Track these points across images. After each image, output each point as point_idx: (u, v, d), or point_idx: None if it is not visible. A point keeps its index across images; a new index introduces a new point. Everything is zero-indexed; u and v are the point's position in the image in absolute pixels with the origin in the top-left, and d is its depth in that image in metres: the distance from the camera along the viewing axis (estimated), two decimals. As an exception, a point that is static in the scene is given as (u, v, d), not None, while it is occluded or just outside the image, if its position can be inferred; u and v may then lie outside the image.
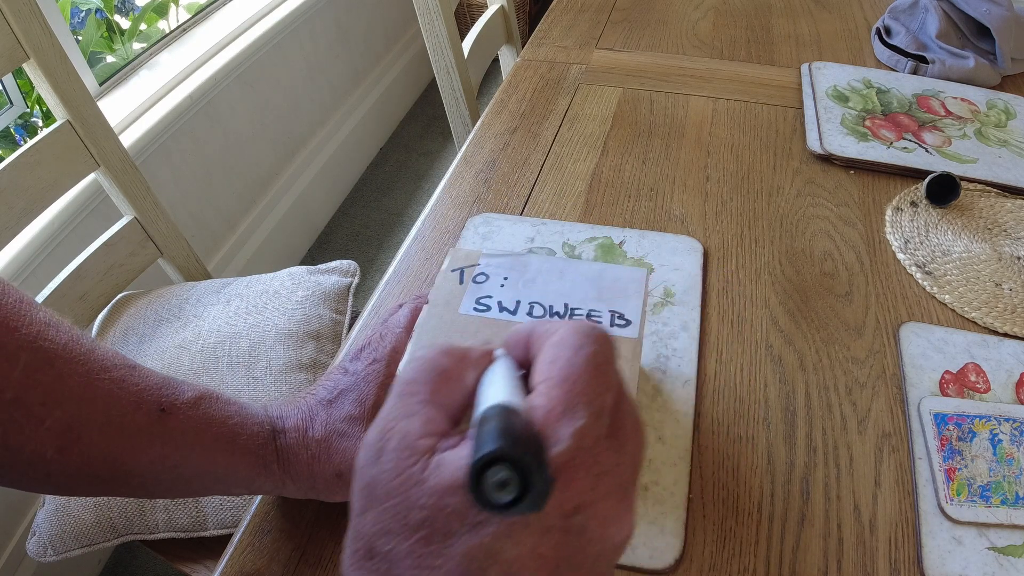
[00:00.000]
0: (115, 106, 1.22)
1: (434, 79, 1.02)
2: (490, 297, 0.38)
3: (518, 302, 0.38)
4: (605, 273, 0.39)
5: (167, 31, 1.43)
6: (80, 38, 1.26)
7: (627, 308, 0.37)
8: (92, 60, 1.30)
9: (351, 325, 0.72)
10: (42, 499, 0.71)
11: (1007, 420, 0.43)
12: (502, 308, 0.37)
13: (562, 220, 0.59)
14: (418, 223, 0.61)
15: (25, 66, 0.69)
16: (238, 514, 0.66)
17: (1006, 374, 0.46)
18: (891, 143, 0.66)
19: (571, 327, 0.25)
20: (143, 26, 1.44)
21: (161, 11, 1.46)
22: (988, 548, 0.38)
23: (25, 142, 0.88)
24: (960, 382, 0.46)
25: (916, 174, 0.63)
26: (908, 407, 0.44)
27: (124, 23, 1.41)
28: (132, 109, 1.22)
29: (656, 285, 0.52)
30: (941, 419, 0.43)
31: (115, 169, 0.79)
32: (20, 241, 1.00)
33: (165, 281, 0.91)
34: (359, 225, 1.81)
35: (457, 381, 0.26)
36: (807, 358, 0.48)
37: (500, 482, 0.19)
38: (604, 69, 0.80)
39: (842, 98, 0.72)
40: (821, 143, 0.66)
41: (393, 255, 0.66)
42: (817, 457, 0.42)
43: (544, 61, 0.83)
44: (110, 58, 1.35)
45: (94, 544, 0.66)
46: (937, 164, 0.63)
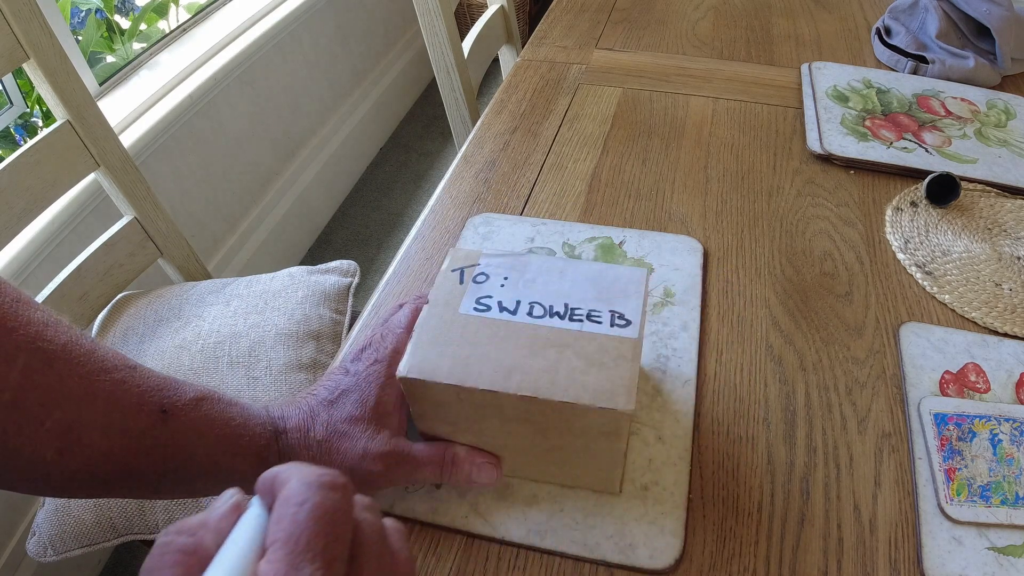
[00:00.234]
0: (115, 106, 1.22)
1: (434, 79, 1.02)
2: (490, 297, 0.38)
3: (518, 302, 0.38)
4: (605, 273, 0.39)
5: (167, 31, 1.43)
6: (80, 38, 1.26)
7: (627, 308, 0.37)
8: (92, 60, 1.30)
9: (351, 325, 0.72)
10: (42, 499, 0.71)
11: (1007, 420, 0.43)
12: (502, 308, 0.37)
13: (562, 220, 0.59)
14: (418, 223, 0.61)
15: (25, 66, 0.69)
16: (238, 514, 0.66)
17: (1006, 374, 0.46)
18: (891, 143, 0.66)
19: (299, 479, 0.23)
20: (143, 26, 1.44)
21: (161, 11, 1.46)
22: (988, 548, 0.38)
23: (25, 142, 0.88)
24: (960, 382, 0.46)
25: (916, 174, 0.63)
26: (908, 407, 0.44)
27: (124, 23, 1.41)
28: (132, 109, 1.22)
29: (656, 285, 0.52)
30: (941, 419, 0.43)
31: (115, 169, 0.79)
32: (20, 241, 1.00)
33: (165, 281, 0.91)
34: (359, 225, 1.81)
35: (196, 556, 0.23)
36: (807, 358, 0.48)
37: None
38: (604, 69, 0.80)
39: (842, 98, 0.72)
40: (821, 143, 0.66)
41: (393, 255, 0.66)
42: (817, 457, 0.42)
43: (544, 61, 0.83)
44: (110, 58, 1.35)
45: (94, 544, 0.66)
46: (937, 164, 0.63)
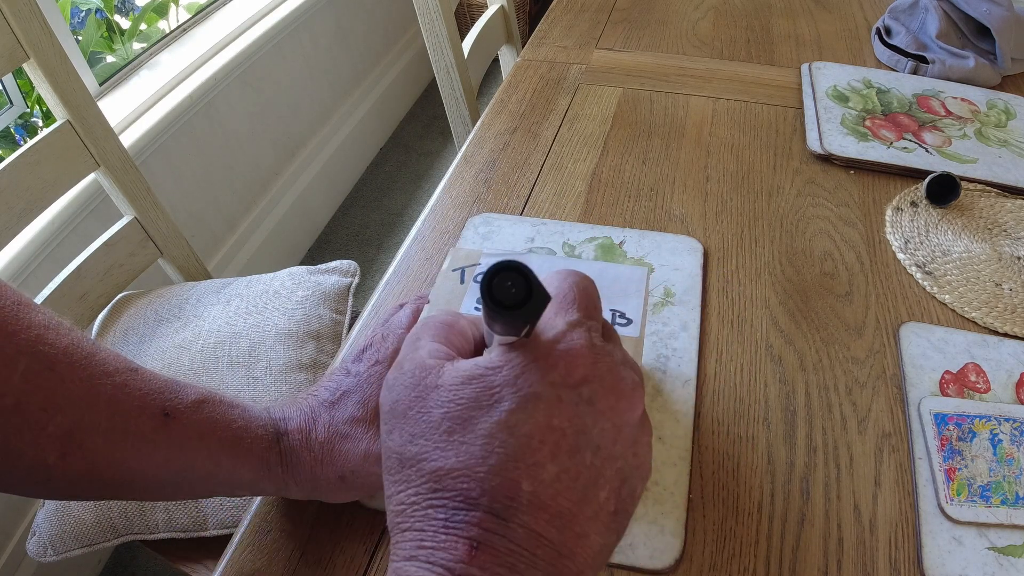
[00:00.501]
0: (115, 106, 1.22)
1: (434, 79, 1.02)
2: (490, 297, 0.38)
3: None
4: (606, 272, 0.39)
5: (167, 31, 1.43)
6: (80, 38, 1.26)
7: (628, 307, 0.37)
8: (92, 60, 1.30)
9: (351, 325, 0.72)
10: (42, 500, 0.71)
11: (1007, 420, 0.43)
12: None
13: (562, 220, 0.59)
14: (418, 223, 0.61)
15: (25, 66, 0.69)
16: (238, 514, 0.66)
17: (1006, 374, 0.46)
18: (891, 143, 0.66)
19: (557, 270, 0.28)
20: (143, 26, 1.44)
21: (161, 11, 1.46)
22: (988, 548, 0.38)
23: (25, 142, 0.88)
24: (960, 382, 0.46)
25: (916, 174, 0.63)
26: (908, 407, 0.44)
27: (124, 23, 1.41)
28: (132, 109, 1.22)
29: (656, 285, 0.52)
30: (941, 419, 0.43)
31: (115, 169, 0.79)
32: (20, 241, 1.00)
33: (165, 281, 0.91)
34: (359, 225, 1.81)
35: (454, 327, 0.28)
36: (807, 358, 0.48)
37: (508, 288, 0.23)
38: (604, 69, 0.80)
39: (842, 98, 0.72)
40: (821, 143, 0.66)
41: (393, 255, 0.66)
42: (817, 457, 0.42)
43: (544, 61, 0.83)
44: (110, 58, 1.35)
45: (94, 544, 0.66)
46: (937, 164, 0.63)
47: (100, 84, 1.25)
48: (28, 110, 1.20)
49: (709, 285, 0.53)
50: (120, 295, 0.86)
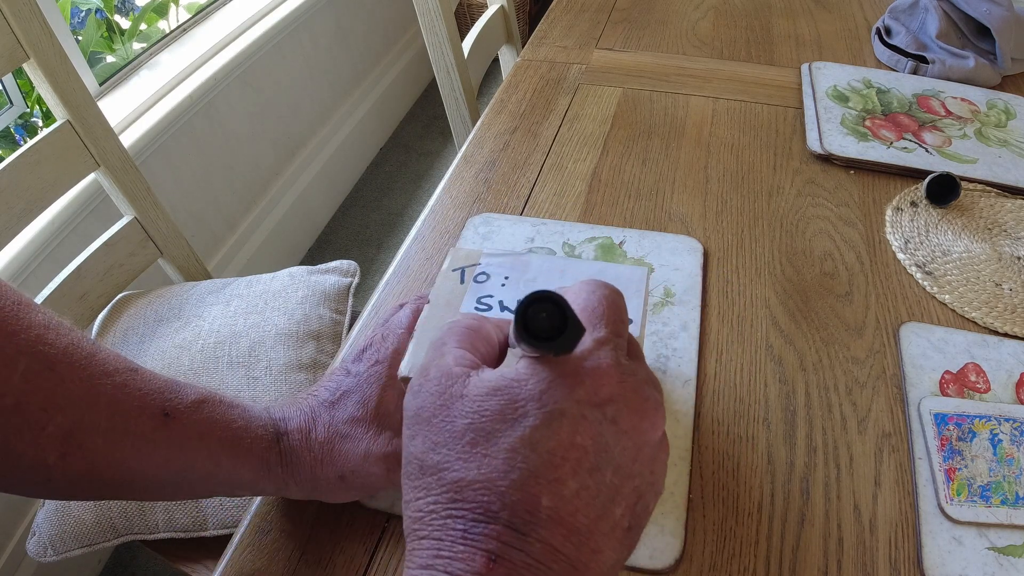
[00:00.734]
0: (115, 106, 1.22)
1: (434, 79, 1.02)
2: (491, 296, 0.38)
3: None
4: (605, 272, 0.39)
5: (167, 31, 1.43)
6: (80, 38, 1.26)
7: (628, 307, 0.37)
8: (92, 60, 1.30)
9: (351, 325, 0.72)
10: (42, 499, 0.71)
11: (1007, 420, 0.43)
12: (503, 307, 0.37)
13: (562, 220, 0.59)
14: (418, 223, 0.61)
15: (25, 66, 0.69)
16: (238, 514, 0.66)
17: (1006, 374, 0.46)
18: (891, 143, 0.66)
19: (586, 280, 0.29)
20: (143, 26, 1.44)
21: (161, 11, 1.46)
22: (988, 548, 0.38)
23: (25, 142, 0.88)
24: (960, 382, 0.46)
25: (916, 174, 0.63)
26: (908, 407, 0.44)
27: (124, 23, 1.41)
28: (132, 109, 1.22)
29: (656, 285, 0.52)
30: (941, 419, 0.43)
31: (115, 169, 0.79)
32: (20, 241, 1.00)
33: (165, 281, 0.91)
34: (359, 225, 1.81)
35: (480, 333, 0.28)
36: (807, 358, 0.48)
37: (542, 319, 0.24)
38: (604, 69, 0.80)
39: (842, 98, 0.72)
40: (821, 143, 0.66)
41: (393, 255, 0.66)
42: (817, 457, 0.42)
43: (544, 61, 0.83)
44: (110, 58, 1.35)
45: (94, 544, 0.66)
46: (937, 164, 0.63)
47: (100, 84, 1.25)
48: (28, 110, 1.20)
49: (709, 285, 0.53)
50: (120, 295, 0.86)
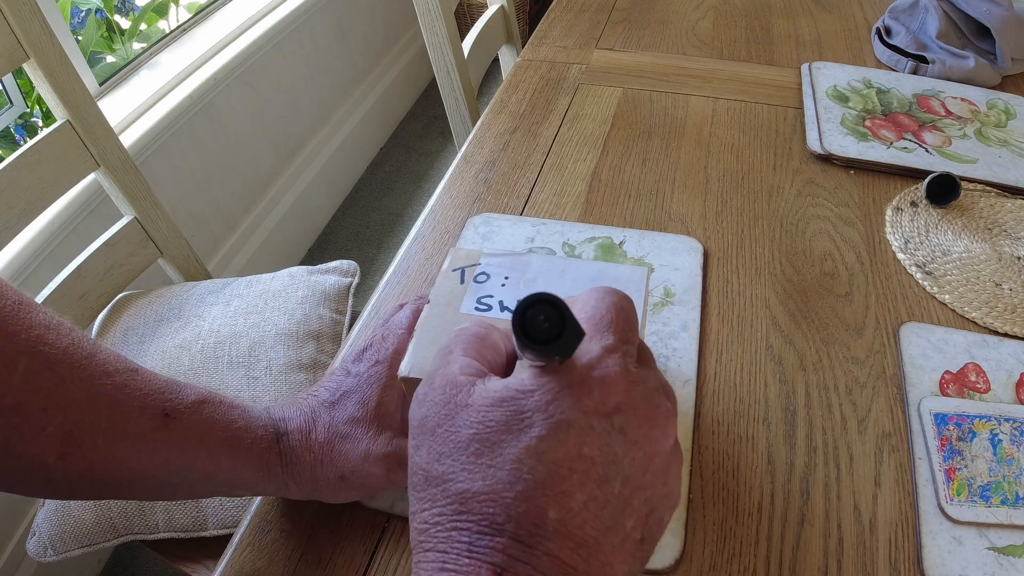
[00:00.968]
0: (115, 106, 1.22)
1: (434, 79, 1.02)
2: (491, 296, 0.38)
3: (519, 302, 0.38)
4: (605, 272, 0.39)
5: (167, 31, 1.43)
6: (80, 38, 1.26)
7: (628, 308, 0.37)
8: (92, 60, 1.30)
9: (351, 325, 0.72)
10: (42, 499, 0.71)
11: (1007, 420, 0.43)
12: (503, 307, 0.37)
13: (562, 220, 0.59)
14: (418, 223, 0.61)
15: (25, 66, 0.69)
16: (238, 514, 0.66)
17: (1006, 374, 0.46)
18: (891, 143, 0.66)
19: (594, 288, 0.28)
20: (143, 26, 1.44)
21: (161, 11, 1.46)
22: (988, 548, 0.38)
23: (25, 142, 0.88)
24: (960, 382, 0.46)
25: (916, 174, 0.63)
26: (908, 407, 0.44)
27: (124, 23, 1.41)
28: (132, 109, 1.22)
29: (656, 285, 0.52)
30: (941, 419, 0.43)
31: (115, 169, 0.79)
32: (20, 241, 1.00)
33: (165, 281, 0.91)
34: (359, 225, 1.81)
35: (486, 341, 0.28)
36: (807, 358, 0.48)
37: (541, 322, 0.23)
38: (604, 69, 0.80)
39: (842, 98, 0.72)
40: (821, 143, 0.66)
41: (393, 255, 0.66)
42: (817, 457, 0.42)
43: (544, 61, 0.83)
44: (110, 58, 1.35)
45: (94, 544, 0.66)
46: (937, 164, 0.63)
47: (100, 84, 1.25)
48: (28, 110, 1.20)
49: (709, 285, 0.53)
50: (120, 295, 0.86)
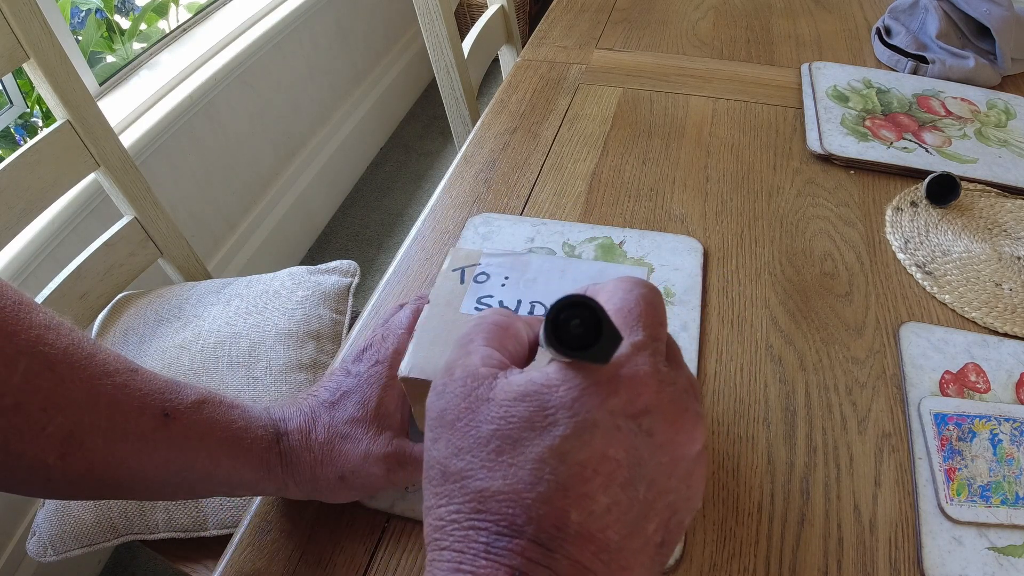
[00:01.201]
0: (115, 106, 1.22)
1: (434, 79, 1.02)
2: (491, 296, 0.38)
3: (519, 301, 0.38)
4: (606, 272, 0.39)
5: (167, 31, 1.43)
6: (80, 38, 1.26)
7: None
8: (92, 60, 1.30)
9: (351, 325, 0.72)
10: (42, 499, 0.71)
11: (1007, 420, 0.43)
12: (503, 307, 0.37)
13: (562, 220, 0.59)
14: (418, 223, 0.61)
15: (25, 66, 0.69)
16: (238, 514, 0.66)
17: (1006, 374, 0.46)
18: (891, 143, 0.66)
19: (622, 278, 0.27)
20: (143, 26, 1.44)
21: (161, 11, 1.46)
22: (988, 548, 0.38)
23: (25, 142, 0.88)
24: (960, 382, 0.46)
25: (916, 174, 0.63)
26: (908, 407, 0.44)
27: (124, 23, 1.41)
28: (132, 109, 1.22)
29: (656, 285, 0.52)
30: (941, 419, 0.43)
31: (115, 169, 0.79)
32: (20, 241, 1.00)
33: (165, 281, 0.91)
34: (359, 225, 1.81)
35: (508, 331, 0.27)
36: (807, 358, 0.48)
37: (575, 326, 0.22)
38: (604, 69, 0.80)
39: (842, 98, 0.72)
40: (821, 143, 0.66)
41: (393, 255, 0.66)
42: (817, 457, 0.42)
43: (544, 61, 0.83)
44: (110, 58, 1.35)
45: (94, 544, 0.66)
46: (937, 164, 0.63)
47: (100, 84, 1.25)
48: (28, 110, 1.20)
49: (709, 285, 0.53)
50: (120, 295, 0.86)
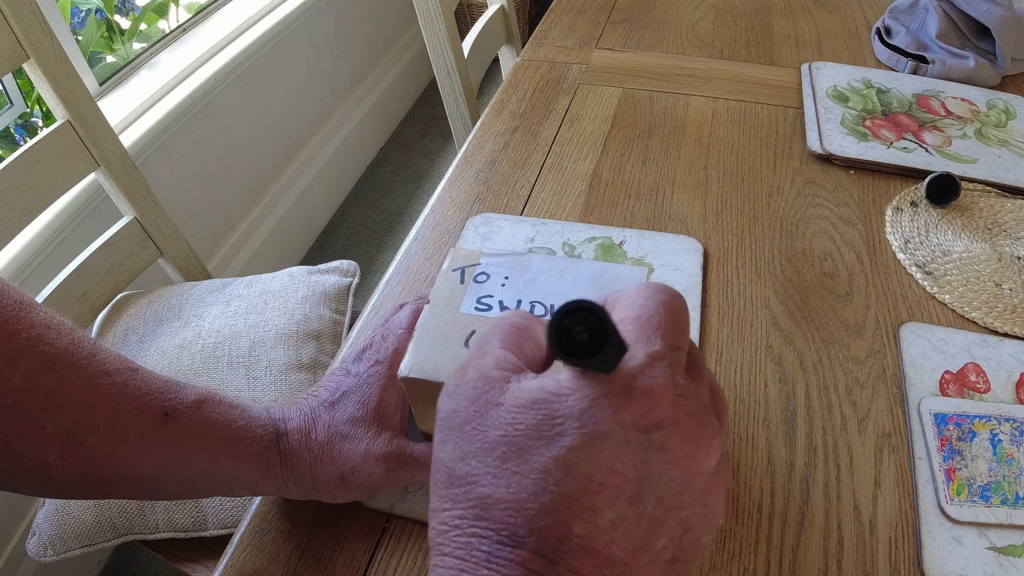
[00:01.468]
0: (115, 106, 1.22)
1: (434, 79, 1.02)
2: (491, 296, 0.38)
3: (519, 301, 0.38)
4: (606, 272, 0.39)
5: (167, 31, 1.43)
6: (80, 38, 1.26)
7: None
8: (92, 60, 1.30)
9: (351, 325, 0.72)
10: (42, 499, 0.71)
11: (1007, 420, 0.43)
12: (503, 307, 0.37)
13: (562, 220, 0.59)
14: (418, 223, 0.61)
15: (25, 66, 0.69)
16: (238, 514, 0.66)
17: (1006, 374, 0.46)
18: (891, 143, 0.66)
19: (644, 284, 0.26)
20: (143, 26, 1.44)
21: (161, 11, 1.46)
22: (988, 548, 0.38)
23: (25, 142, 0.88)
24: (960, 382, 0.46)
25: (916, 174, 0.63)
26: (908, 407, 0.44)
27: (124, 23, 1.41)
28: (132, 109, 1.22)
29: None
30: (941, 419, 0.43)
31: (115, 169, 0.79)
32: (20, 241, 1.00)
33: (165, 281, 0.91)
34: (359, 225, 1.81)
35: (527, 333, 0.26)
36: (807, 358, 0.48)
37: (580, 332, 0.21)
38: (604, 69, 0.80)
39: (842, 98, 0.72)
40: (821, 143, 0.66)
41: (393, 255, 0.66)
42: (817, 457, 0.42)
43: (544, 61, 0.83)
44: (110, 58, 1.35)
45: (94, 544, 0.66)
46: (937, 164, 0.63)
47: (100, 84, 1.25)
48: (28, 110, 1.20)
49: (709, 285, 0.53)
50: (120, 295, 0.86)
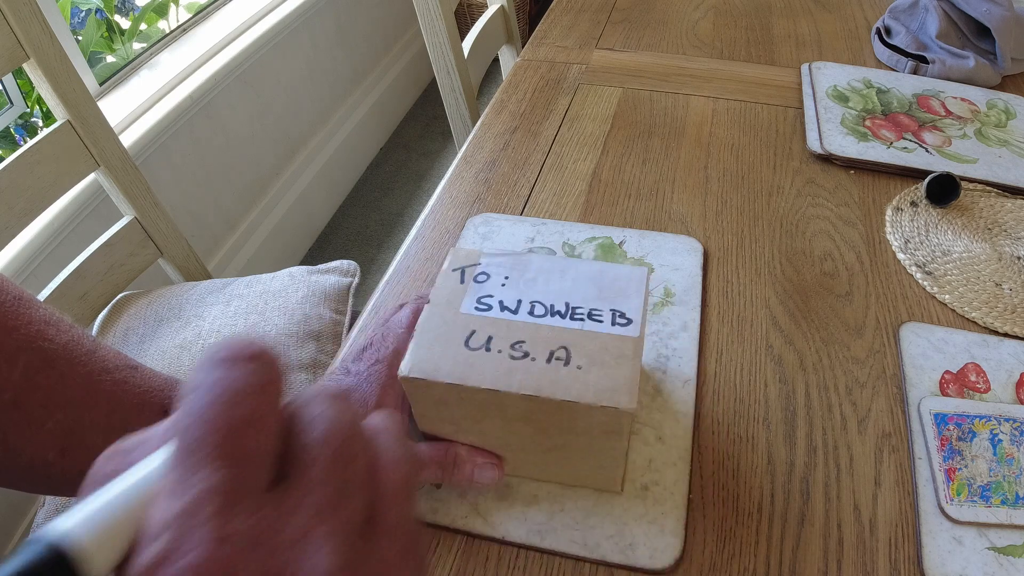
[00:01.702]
0: (115, 106, 1.22)
1: (434, 79, 1.02)
2: (491, 296, 0.38)
3: (519, 301, 0.38)
4: (606, 272, 0.39)
5: (167, 31, 1.43)
6: (80, 38, 1.26)
7: (628, 307, 0.37)
8: (92, 60, 1.30)
9: (351, 325, 0.72)
10: (42, 499, 0.71)
11: (1007, 420, 0.43)
12: (503, 307, 0.37)
13: (562, 220, 0.59)
14: (418, 223, 0.61)
15: (25, 66, 0.69)
16: (238, 514, 0.66)
17: (1006, 374, 0.46)
18: (891, 143, 0.66)
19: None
20: (143, 26, 1.44)
21: (161, 11, 1.46)
22: (988, 548, 0.38)
23: (25, 142, 0.88)
24: (960, 382, 0.46)
25: (916, 174, 0.63)
26: (908, 407, 0.44)
27: (124, 23, 1.41)
28: (132, 109, 1.22)
29: (656, 285, 0.52)
30: (941, 419, 0.43)
31: (115, 169, 0.79)
32: (20, 241, 1.00)
33: (165, 281, 0.91)
34: (359, 225, 1.81)
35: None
36: (807, 358, 0.48)
37: None
38: (604, 69, 0.80)
39: (842, 98, 0.72)
40: (821, 143, 0.66)
41: (393, 255, 0.66)
42: (817, 457, 0.42)
43: (544, 61, 0.83)
44: (110, 58, 1.35)
45: (94, 544, 0.66)
46: (937, 164, 0.63)
47: (100, 84, 1.25)
48: (28, 110, 1.20)
49: (709, 285, 0.53)
50: (120, 295, 0.86)
